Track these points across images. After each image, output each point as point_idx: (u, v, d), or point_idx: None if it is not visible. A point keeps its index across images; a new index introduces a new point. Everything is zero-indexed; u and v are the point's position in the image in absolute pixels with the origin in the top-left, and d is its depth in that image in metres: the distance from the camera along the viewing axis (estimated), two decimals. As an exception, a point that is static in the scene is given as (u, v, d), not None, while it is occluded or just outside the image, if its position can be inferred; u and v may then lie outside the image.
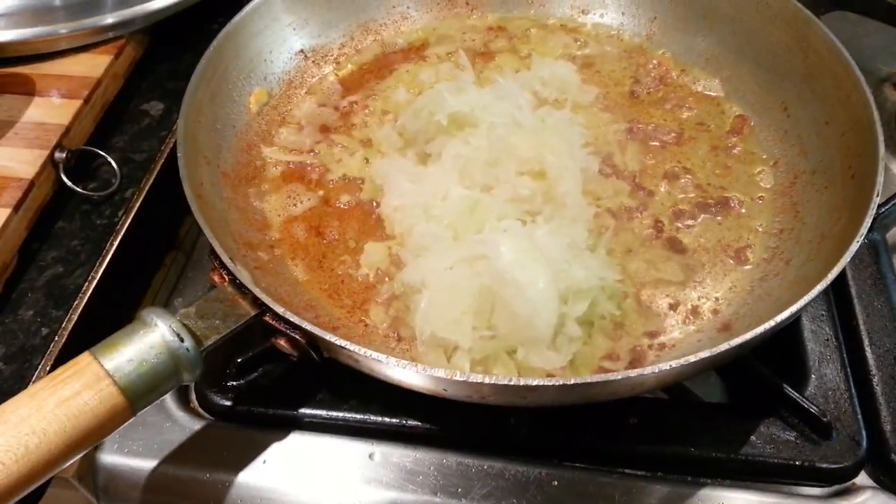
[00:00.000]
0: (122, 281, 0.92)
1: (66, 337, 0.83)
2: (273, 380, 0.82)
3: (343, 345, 0.66)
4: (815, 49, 0.95)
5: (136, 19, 1.10)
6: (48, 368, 0.80)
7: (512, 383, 0.63)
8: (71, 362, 0.62)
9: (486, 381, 0.63)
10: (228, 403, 0.81)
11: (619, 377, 0.64)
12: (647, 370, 0.63)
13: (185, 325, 0.66)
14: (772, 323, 0.67)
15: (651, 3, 1.13)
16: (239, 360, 0.81)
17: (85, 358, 0.62)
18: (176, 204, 0.80)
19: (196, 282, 0.95)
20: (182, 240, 1.02)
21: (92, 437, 0.61)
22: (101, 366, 0.62)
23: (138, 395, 0.62)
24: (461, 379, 0.64)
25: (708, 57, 1.08)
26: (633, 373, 0.64)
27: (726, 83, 1.06)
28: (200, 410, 0.82)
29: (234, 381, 0.82)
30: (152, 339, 0.64)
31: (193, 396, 0.83)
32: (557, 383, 0.63)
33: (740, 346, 0.65)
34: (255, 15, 1.02)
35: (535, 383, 0.63)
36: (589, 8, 1.16)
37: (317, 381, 0.82)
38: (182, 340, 0.64)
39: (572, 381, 0.63)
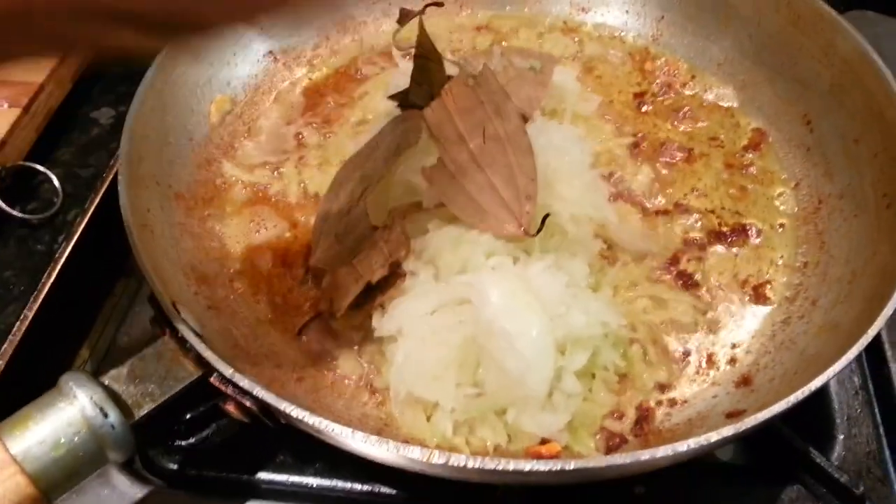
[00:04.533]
0: (62, 318, 0.81)
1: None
2: (228, 438, 0.72)
3: (301, 416, 0.56)
4: (842, 57, 0.84)
5: (87, 14, 0.98)
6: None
7: (500, 468, 0.53)
8: (-31, 445, 0.52)
9: (470, 464, 0.53)
10: (175, 466, 0.71)
11: (628, 460, 0.54)
12: (660, 451, 0.54)
13: (111, 393, 0.56)
14: (800, 394, 0.57)
15: (658, 1, 1.02)
16: (188, 417, 0.71)
17: (-13, 439, 0.52)
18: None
19: (146, 317, 0.84)
20: (134, 265, 0.90)
21: (-6, 537, 0.50)
22: (6, 449, 0.51)
23: (53, 483, 0.52)
24: (440, 462, 0.54)
25: (721, 62, 0.98)
26: (644, 454, 0.54)
27: (741, 92, 0.96)
28: (144, 473, 0.72)
29: (182, 439, 0.71)
30: (70, 413, 0.53)
31: (136, 457, 0.73)
32: (555, 468, 0.53)
33: (767, 420, 0.56)
34: (215, 13, 0.90)
35: (528, 468, 0.53)
36: (589, 6, 1.05)
37: (278, 440, 0.71)
38: (106, 415, 0.54)
39: (572, 466, 0.53)
